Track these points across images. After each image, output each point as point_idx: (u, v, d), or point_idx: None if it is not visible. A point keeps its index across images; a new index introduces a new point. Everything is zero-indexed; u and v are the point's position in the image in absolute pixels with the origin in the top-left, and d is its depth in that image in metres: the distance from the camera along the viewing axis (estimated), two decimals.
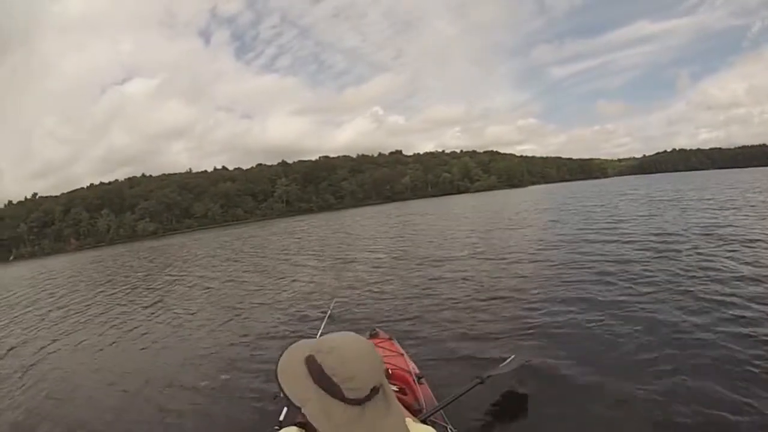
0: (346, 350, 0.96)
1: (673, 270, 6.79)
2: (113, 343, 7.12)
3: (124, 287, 13.75)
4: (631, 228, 11.85)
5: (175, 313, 8.63)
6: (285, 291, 9.16)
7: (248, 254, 19.22)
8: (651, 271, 6.95)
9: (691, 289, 5.72)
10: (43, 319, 10.05)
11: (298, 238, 24.26)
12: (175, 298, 10.25)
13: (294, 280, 10.36)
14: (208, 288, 11.01)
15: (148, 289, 12.46)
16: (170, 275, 15.17)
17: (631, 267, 7.33)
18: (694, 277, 6.29)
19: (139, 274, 17.72)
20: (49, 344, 7.59)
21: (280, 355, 1.01)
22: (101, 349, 6.85)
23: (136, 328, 7.88)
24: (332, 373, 0.93)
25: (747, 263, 6.75)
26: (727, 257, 7.28)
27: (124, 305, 10.32)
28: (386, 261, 11.50)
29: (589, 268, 7.70)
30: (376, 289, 8.14)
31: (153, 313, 8.87)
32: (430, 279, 8.44)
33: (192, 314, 8.29)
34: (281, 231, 33.90)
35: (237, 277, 12.34)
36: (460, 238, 14.70)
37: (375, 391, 0.95)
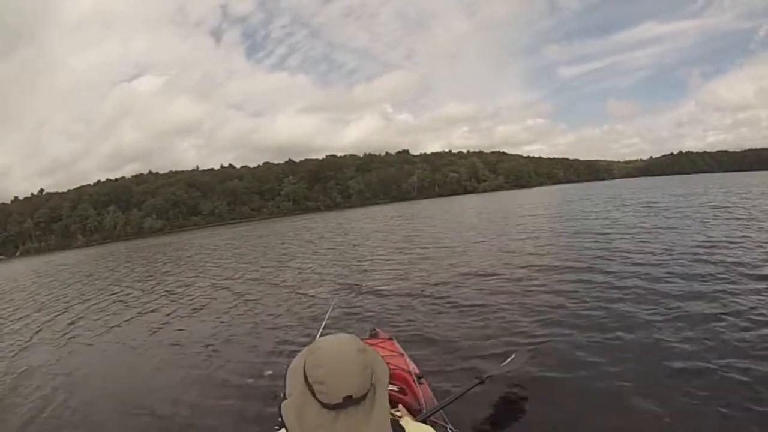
0: (323, 355, 0.98)
1: (677, 280, 6.55)
2: (107, 341, 7.17)
3: (120, 285, 13.86)
4: (633, 236, 11.48)
5: (174, 310, 8.69)
6: (286, 290, 9.19)
7: (252, 252, 19.31)
8: (654, 278, 6.78)
9: (696, 301, 5.59)
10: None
11: (303, 237, 24.32)
12: (175, 297, 10.24)
13: (295, 279, 10.37)
14: (209, 286, 11.03)
15: (148, 287, 12.53)
16: (174, 274, 15.29)
17: (634, 275, 7.12)
18: (700, 288, 6.06)
19: (140, 271, 17.84)
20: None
21: None
22: (91, 346, 6.91)
23: (132, 325, 7.93)
24: (309, 374, 0.96)
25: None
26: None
27: (120, 303, 10.40)
28: (388, 261, 11.50)
29: (591, 272, 7.63)
30: (376, 289, 8.13)
31: (152, 310, 8.92)
32: (431, 279, 8.42)
33: (191, 312, 8.33)
34: (287, 230, 34.03)
35: (239, 275, 12.37)
36: (461, 240, 14.65)
37: (350, 400, 0.95)
